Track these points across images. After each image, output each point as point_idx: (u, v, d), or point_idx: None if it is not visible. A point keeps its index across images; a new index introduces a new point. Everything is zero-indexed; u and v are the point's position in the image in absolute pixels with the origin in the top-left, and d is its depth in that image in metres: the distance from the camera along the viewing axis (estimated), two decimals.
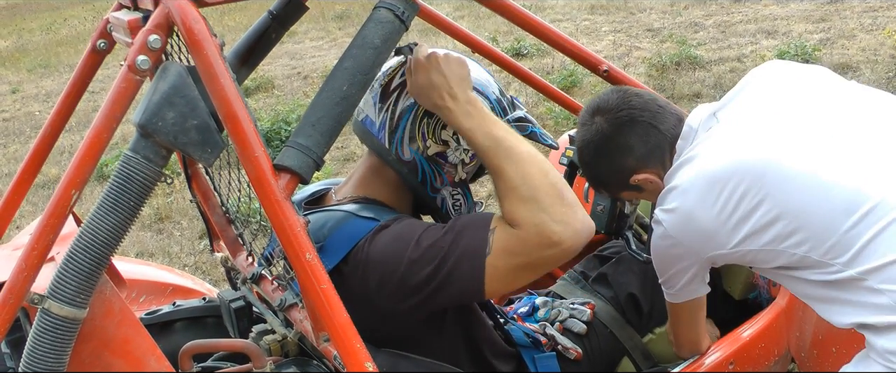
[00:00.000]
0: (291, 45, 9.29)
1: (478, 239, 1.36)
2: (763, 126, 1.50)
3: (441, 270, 1.37)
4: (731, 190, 1.43)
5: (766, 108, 1.53)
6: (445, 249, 1.37)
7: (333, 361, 1.40)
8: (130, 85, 1.31)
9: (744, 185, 1.42)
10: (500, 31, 8.31)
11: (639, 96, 1.64)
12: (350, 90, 1.36)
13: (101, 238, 1.30)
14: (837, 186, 1.38)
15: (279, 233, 1.30)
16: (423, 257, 1.38)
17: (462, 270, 1.36)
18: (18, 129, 7.39)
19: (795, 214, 1.40)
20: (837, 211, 1.37)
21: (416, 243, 1.39)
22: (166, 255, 4.18)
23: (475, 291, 1.38)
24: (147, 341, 1.39)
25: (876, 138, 1.46)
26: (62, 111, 1.71)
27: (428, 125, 1.56)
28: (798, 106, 1.51)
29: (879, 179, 1.39)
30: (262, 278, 1.73)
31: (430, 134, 1.56)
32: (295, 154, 1.32)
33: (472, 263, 1.35)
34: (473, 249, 1.36)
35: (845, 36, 6.89)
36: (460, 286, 1.37)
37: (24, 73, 10.11)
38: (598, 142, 1.65)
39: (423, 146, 1.56)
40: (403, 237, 1.42)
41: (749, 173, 1.42)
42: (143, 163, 1.30)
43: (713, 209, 1.45)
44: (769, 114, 1.51)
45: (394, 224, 1.47)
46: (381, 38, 1.38)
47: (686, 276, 1.63)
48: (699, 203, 1.47)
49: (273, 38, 1.75)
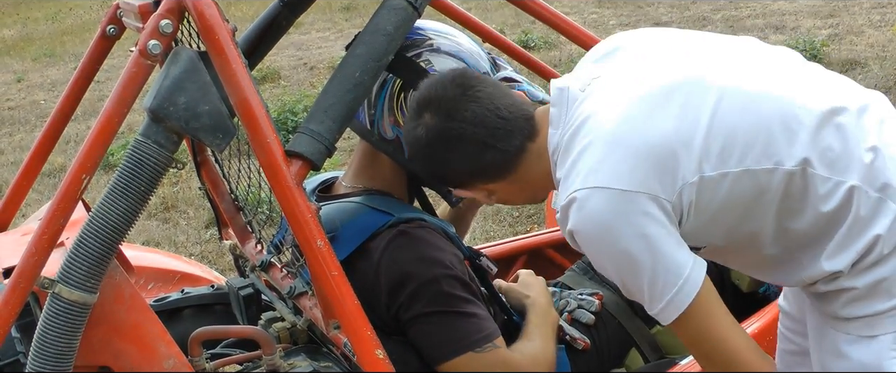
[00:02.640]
0: (298, 36, 9.28)
1: (479, 334, 1.44)
2: (666, 59, 1.32)
3: (431, 324, 1.44)
4: (678, 101, 1.22)
5: (658, 52, 1.35)
6: (453, 315, 1.45)
7: (343, 348, 1.40)
8: (141, 70, 1.31)
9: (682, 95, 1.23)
10: (508, 24, 8.29)
11: (478, 103, 1.33)
12: (362, 77, 1.35)
13: (112, 223, 1.30)
14: (766, 96, 1.25)
15: (290, 219, 1.29)
16: (433, 300, 1.44)
17: (444, 338, 1.44)
18: (24, 118, 7.39)
19: (730, 129, 1.22)
20: (773, 120, 1.23)
21: (437, 281, 1.44)
22: (172, 244, 4.18)
23: (433, 360, 1.46)
24: (157, 326, 1.39)
25: (765, 63, 1.33)
26: (71, 98, 1.72)
27: (406, 99, 1.52)
28: (686, 48, 1.36)
29: (795, 90, 1.27)
30: (271, 266, 1.73)
31: (408, 108, 1.52)
32: (307, 140, 1.32)
33: (455, 346, 1.44)
34: (467, 335, 1.44)
35: (853, 32, 6.86)
36: (430, 345, 1.46)
37: (29, 62, 10.10)
38: (422, 147, 1.36)
39: (403, 121, 1.53)
40: (426, 260, 1.46)
41: (684, 85, 1.25)
42: (154, 148, 1.30)
43: (667, 121, 1.22)
44: (664, 54, 1.34)
45: (413, 232, 1.47)
46: (393, 26, 1.37)
47: (662, 256, 1.23)
48: (632, 132, 1.22)
49: (283, 25, 1.75)
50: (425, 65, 1.52)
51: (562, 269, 2.36)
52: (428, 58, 1.53)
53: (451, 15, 1.94)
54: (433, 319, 1.44)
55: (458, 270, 1.48)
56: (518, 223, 4.02)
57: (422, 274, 1.44)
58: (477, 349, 1.43)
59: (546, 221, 2.74)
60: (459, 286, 1.46)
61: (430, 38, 1.56)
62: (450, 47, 1.55)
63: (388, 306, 1.47)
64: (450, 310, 1.44)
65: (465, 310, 1.45)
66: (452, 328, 1.44)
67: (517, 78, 1.57)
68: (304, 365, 1.47)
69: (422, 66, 1.52)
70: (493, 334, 1.46)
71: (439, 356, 1.45)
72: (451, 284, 1.45)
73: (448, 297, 1.44)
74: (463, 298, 1.45)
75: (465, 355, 1.43)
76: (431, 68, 1.52)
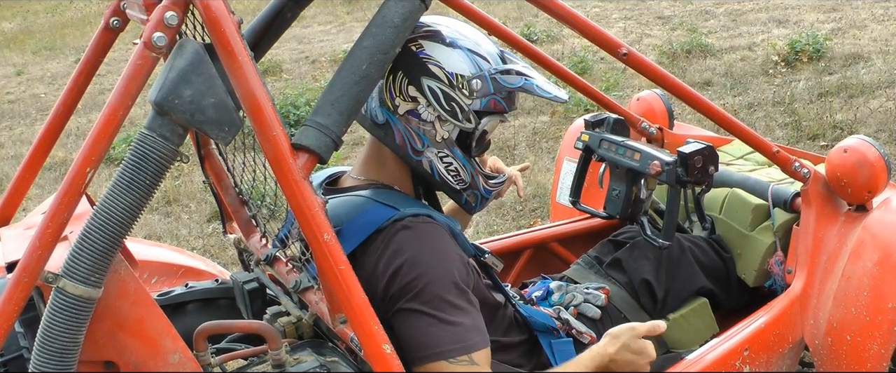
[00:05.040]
0: (299, 30, 9.26)
1: (456, 344, 1.41)
2: None
3: (414, 323, 1.42)
4: None
5: None
6: (445, 313, 1.42)
7: (350, 342, 1.38)
8: (146, 62, 1.29)
9: None
10: (510, 17, 8.27)
11: None
12: (369, 69, 1.33)
13: (117, 217, 1.28)
14: None
15: (297, 213, 1.28)
16: (422, 298, 1.41)
17: (422, 340, 1.41)
18: (24, 111, 7.38)
19: None
20: None
21: (431, 280, 1.42)
22: (174, 238, 4.17)
23: (408, 359, 1.42)
24: (162, 321, 1.38)
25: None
26: (73, 91, 1.70)
27: (394, 82, 1.51)
28: None
29: None
30: (276, 260, 1.71)
31: (398, 92, 1.51)
32: (313, 133, 1.30)
33: (430, 351, 1.41)
34: (443, 343, 1.41)
35: (856, 26, 6.85)
36: (408, 344, 1.42)
37: (29, 55, 10.08)
38: None
39: (393, 105, 1.52)
40: (426, 257, 1.43)
41: None
42: (159, 141, 1.28)
43: None
44: None
45: (418, 226, 1.46)
46: (401, 18, 1.36)
47: None
48: None
49: (288, 17, 1.73)
50: (416, 49, 1.51)
51: (567, 263, 2.36)
52: (421, 43, 1.51)
53: (457, 7, 1.92)
54: (417, 318, 1.41)
55: (456, 272, 1.45)
56: (521, 217, 4.01)
57: (418, 270, 1.42)
58: (450, 359, 1.40)
59: (550, 216, 2.73)
60: (453, 290, 1.43)
61: (430, 27, 1.55)
62: (447, 36, 1.53)
63: (383, 299, 1.45)
64: (435, 314, 1.41)
65: (450, 317, 1.41)
66: (431, 333, 1.41)
67: (528, 72, 1.55)
68: (310, 360, 1.45)
69: (413, 49, 1.51)
70: (473, 347, 1.41)
71: (414, 358, 1.42)
72: (444, 286, 1.42)
73: (437, 300, 1.41)
74: (452, 303, 1.42)
75: (437, 363, 1.40)
76: (421, 52, 1.50)
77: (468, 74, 1.51)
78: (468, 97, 1.51)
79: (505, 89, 1.53)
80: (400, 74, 1.51)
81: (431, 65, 1.50)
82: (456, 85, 1.51)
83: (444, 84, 1.50)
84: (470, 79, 1.51)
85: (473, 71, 1.51)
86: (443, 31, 1.54)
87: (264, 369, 1.45)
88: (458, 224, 1.60)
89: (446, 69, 1.50)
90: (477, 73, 1.51)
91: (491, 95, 1.53)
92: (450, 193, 1.61)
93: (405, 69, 1.50)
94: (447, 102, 1.51)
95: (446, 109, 1.51)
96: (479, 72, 1.52)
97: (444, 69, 1.50)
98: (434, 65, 1.50)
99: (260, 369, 1.45)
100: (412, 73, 1.50)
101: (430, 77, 1.50)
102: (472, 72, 1.51)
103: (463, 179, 1.58)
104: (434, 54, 1.51)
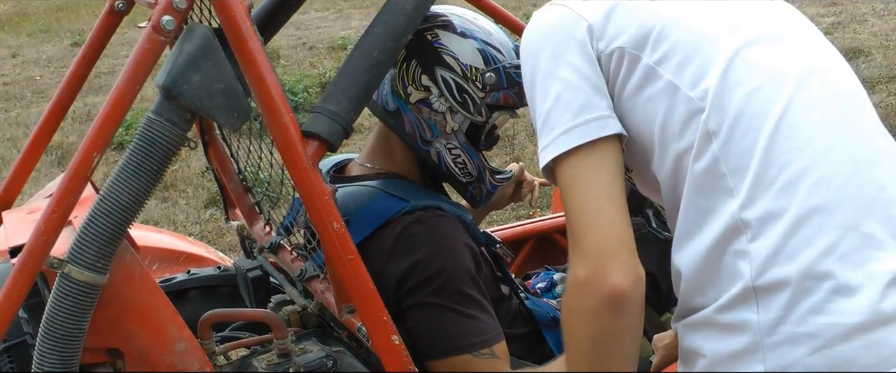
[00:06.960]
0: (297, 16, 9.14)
1: (479, 337, 1.40)
2: None
3: (433, 317, 1.41)
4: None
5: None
6: (459, 308, 1.41)
7: (357, 332, 1.37)
8: (154, 45, 1.27)
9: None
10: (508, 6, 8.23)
11: None
12: (381, 57, 1.32)
13: (123, 203, 1.27)
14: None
15: (306, 201, 1.27)
16: (439, 292, 1.40)
17: (443, 334, 1.40)
18: (19, 93, 7.33)
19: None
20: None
21: (448, 274, 1.41)
22: (171, 223, 4.15)
23: (427, 354, 1.42)
24: (168, 308, 1.37)
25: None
26: (76, 74, 1.68)
27: (407, 70, 1.50)
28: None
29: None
30: (281, 248, 1.70)
31: (411, 80, 1.50)
32: (323, 120, 1.29)
33: (453, 345, 1.40)
34: (467, 336, 1.40)
35: (857, 20, 6.85)
36: (426, 338, 1.42)
37: (24, 37, 10.00)
38: None
39: (404, 94, 1.51)
40: (440, 250, 1.42)
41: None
42: (166, 126, 1.27)
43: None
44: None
45: (430, 221, 1.44)
46: (413, 5, 1.34)
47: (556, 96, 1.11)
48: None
49: (294, 2, 1.71)
50: (431, 38, 1.51)
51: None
52: (436, 32, 1.51)
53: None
54: (436, 311, 1.41)
55: (470, 264, 1.44)
56: (520, 207, 4.00)
57: (433, 264, 1.41)
58: (474, 353, 1.39)
59: (553, 206, 2.72)
60: (470, 283, 1.43)
61: (445, 16, 1.54)
62: (462, 26, 1.53)
63: (396, 293, 1.44)
64: (455, 307, 1.40)
65: (470, 311, 1.41)
66: (453, 326, 1.40)
67: None
68: (316, 350, 1.44)
69: (428, 38, 1.50)
70: (493, 340, 1.41)
71: (434, 352, 1.41)
72: (461, 279, 1.42)
73: (456, 293, 1.41)
74: (471, 297, 1.42)
75: (462, 357, 1.39)
76: (437, 42, 1.50)
77: (483, 67, 1.50)
78: (481, 90, 1.51)
79: (518, 84, 1.52)
80: (413, 63, 1.49)
81: (446, 55, 1.49)
82: (470, 77, 1.50)
83: (457, 75, 1.49)
84: (484, 72, 1.50)
85: (488, 64, 1.50)
86: (458, 22, 1.53)
87: (270, 358, 1.44)
88: (470, 214, 1.59)
89: (461, 60, 1.49)
90: (491, 66, 1.50)
91: (504, 89, 1.52)
92: (455, 185, 1.60)
93: (419, 58, 1.49)
94: (460, 94, 1.50)
95: (458, 101, 1.50)
96: (494, 65, 1.51)
97: (459, 60, 1.49)
98: (449, 55, 1.49)
99: (266, 357, 1.44)
100: (426, 62, 1.49)
101: (445, 67, 1.49)
102: (487, 65, 1.50)
103: (469, 172, 1.57)
104: (449, 44, 1.50)
